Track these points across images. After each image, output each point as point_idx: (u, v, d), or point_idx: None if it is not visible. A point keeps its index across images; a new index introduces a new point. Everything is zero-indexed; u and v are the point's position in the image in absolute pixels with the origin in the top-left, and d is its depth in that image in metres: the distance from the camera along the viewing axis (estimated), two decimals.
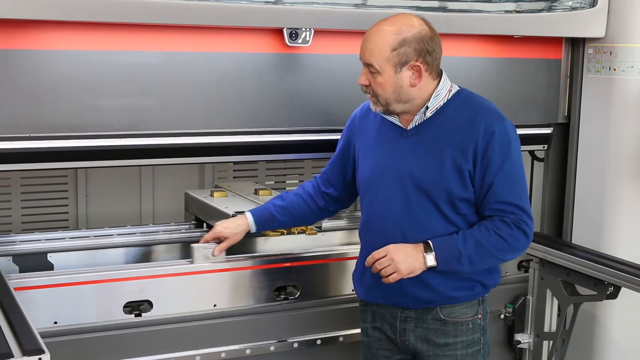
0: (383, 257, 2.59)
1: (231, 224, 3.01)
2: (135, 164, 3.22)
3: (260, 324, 3.09)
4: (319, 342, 3.19)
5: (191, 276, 3.00)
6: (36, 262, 3.26)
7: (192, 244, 3.03)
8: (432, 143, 2.63)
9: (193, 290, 3.00)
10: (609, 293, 3.23)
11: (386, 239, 2.65)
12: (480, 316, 2.75)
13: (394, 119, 2.71)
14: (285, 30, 3.12)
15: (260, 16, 3.05)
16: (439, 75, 2.67)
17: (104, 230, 3.52)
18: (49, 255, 3.31)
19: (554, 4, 3.59)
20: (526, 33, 3.58)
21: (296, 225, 3.19)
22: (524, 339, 3.60)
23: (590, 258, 3.36)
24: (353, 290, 2.89)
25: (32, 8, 2.67)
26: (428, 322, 2.71)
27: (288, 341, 3.13)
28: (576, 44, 3.81)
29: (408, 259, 2.57)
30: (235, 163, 4.20)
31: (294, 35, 3.14)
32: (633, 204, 3.69)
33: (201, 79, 3.10)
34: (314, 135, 3.33)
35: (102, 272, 2.93)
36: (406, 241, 2.63)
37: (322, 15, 3.15)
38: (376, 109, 2.68)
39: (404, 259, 2.57)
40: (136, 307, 2.95)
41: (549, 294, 3.52)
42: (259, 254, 3.32)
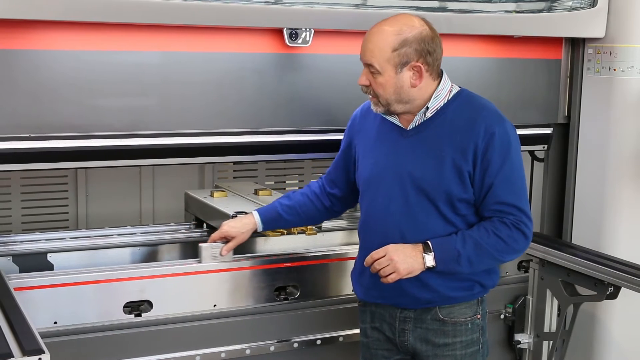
0: (382, 257, 2.59)
1: (238, 223, 3.01)
2: (135, 164, 3.22)
3: (260, 324, 3.09)
4: (319, 342, 3.19)
5: (191, 276, 3.00)
6: (36, 262, 3.26)
7: (200, 244, 3.03)
8: (432, 143, 2.63)
9: (193, 290, 3.00)
10: (609, 293, 3.23)
11: (385, 239, 2.65)
12: (479, 316, 2.75)
13: (394, 119, 2.71)
14: (285, 31, 3.12)
15: (260, 16, 3.05)
16: (439, 75, 2.67)
17: (104, 230, 3.52)
18: (49, 255, 3.30)
19: (554, 4, 3.59)
20: (526, 33, 3.58)
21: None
22: (524, 339, 3.60)
23: (590, 258, 3.36)
24: (353, 291, 2.89)
25: (32, 8, 2.67)
26: (427, 322, 2.71)
27: (288, 341, 3.14)
28: (576, 44, 3.81)
29: (407, 259, 2.57)
30: (235, 163, 4.20)
31: (294, 36, 3.13)
32: (633, 204, 3.69)
33: (201, 79, 3.10)
34: (314, 135, 3.33)
35: (102, 272, 2.92)
36: (405, 241, 2.63)
37: (322, 15, 3.14)
38: (377, 109, 2.68)
39: (403, 259, 2.57)
40: (136, 307, 2.94)
41: (549, 294, 3.52)
42: (259, 254, 3.32)
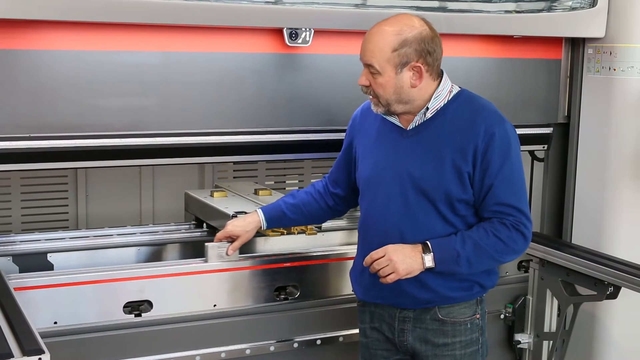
0: (381, 257, 2.59)
1: (241, 222, 3.01)
2: (135, 164, 3.21)
3: (260, 324, 3.09)
4: (319, 342, 3.19)
5: (191, 276, 3.00)
6: (36, 262, 3.26)
7: (207, 243, 3.03)
8: (431, 144, 2.63)
9: (193, 290, 3.00)
10: (608, 293, 3.23)
11: (385, 238, 2.65)
12: (478, 316, 2.75)
13: (394, 119, 2.71)
14: (285, 30, 3.12)
15: (260, 16, 3.05)
16: (439, 75, 2.67)
17: (104, 230, 3.52)
18: (49, 255, 3.30)
19: (554, 4, 3.59)
20: (526, 33, 3.58)
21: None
22: (524, 339, 3.60)
23: (590, 258, 3.36)
24: (353, 291, 2.89)
25: (32, 8, 2.67)
26: (426, 322, 2.71)
27: (288, 341, 3.14)
28: (576, 44, 3.80)
29: (406, 260, 2.57)
30: (235, 163, 4.20)
31: (294, 35, 3.13)
32: (633, 204, 3.69)
33: (201, 79, 3.10)
34: (314, 135, 3.32)
35: (102, 272, 2.92)
36: (404, 241, 2.63)
37: (322, 15, 3.14)
38: (377, 109, 2.68)
39: (403, 259, 2.57)
40: (136, 307, 2.94)
41: (549, 294, 3.52)
42: (259, 254, 3.32)
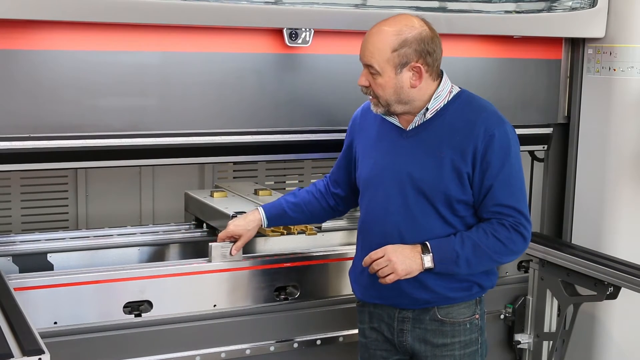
0: (381, 257, 2.59)
1: (242, 221, 3.01)
2: (135, 164, 3.21)
3: (260, 324, 3.09)
4: (319, 342, 3.19)
5: (191, 276, 3.00)
6: (36, 262, 3.26)
7: (210, 243, 3.04)
8: (431, 144, 2.63)
9: (193, 290, 3.00)
10: (608, 293, 3.23)
11: (384, 239, 2.65)
12: (477, 316, 2.75)
13: (393, 120, 2.71)
14: (285, 31, 3.12)
15: (260, 16, 3.05)
16: (439, 76, 2.67)
17: (104, 230, 3.52)
18: (49, 255, 3.30)
19: (554, 4, 3.59)
20: (526, 33, 3.58)
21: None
22: (524, 339, 3.60)
23: (590, 258, 3.36)
24: (352, 291, 2.88)
25: (32, 8, 2.67)
26: (426, 322, 2.71)
27: (288, 341, 3.14)
28: (576, 44, 3.80)
29: (406, 260, 2.57)
30: (235, 163, 4.20)
31: (293, 36, 3.13)
32: (633, 204, 3.69)
33: (201, 79, 3.10)
34: (314, 135, 3.32)
35: (102, 272, 2.92)
36: (404, 242, 2.63)
37: (322, 15, 3.14)
38: (377, 110, 2.67)
39: (402, 260, 2.57)
40: (136, 307, 2.94)
41: (548, 294, 3.52)
42: (259, 254, 3.32)
